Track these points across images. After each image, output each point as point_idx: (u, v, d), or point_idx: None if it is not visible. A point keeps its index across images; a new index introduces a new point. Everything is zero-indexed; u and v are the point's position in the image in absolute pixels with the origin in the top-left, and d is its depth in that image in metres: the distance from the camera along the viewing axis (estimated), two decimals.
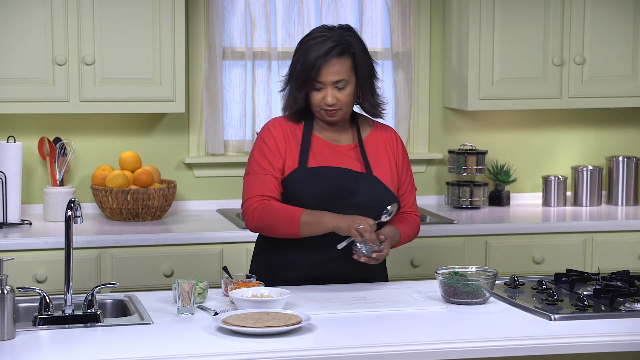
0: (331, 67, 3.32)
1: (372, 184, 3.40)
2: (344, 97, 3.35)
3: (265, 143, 3.40)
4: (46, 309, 2.94)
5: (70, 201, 3.04)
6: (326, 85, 3.33)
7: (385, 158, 3.47)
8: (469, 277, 3.18)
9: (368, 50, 3.47)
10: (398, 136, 3.56)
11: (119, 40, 4.57)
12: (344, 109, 3.38)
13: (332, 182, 3.37)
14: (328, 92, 3.33)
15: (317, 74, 3.31)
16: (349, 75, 3.35)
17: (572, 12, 5.01)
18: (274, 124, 3.44)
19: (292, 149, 3.39)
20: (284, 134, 3.40)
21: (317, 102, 3.35)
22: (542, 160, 5.42)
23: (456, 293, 3.15)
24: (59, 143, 4.73)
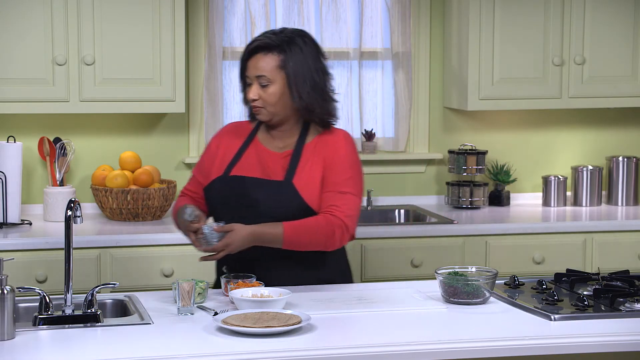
0: (255, 62, 3.33)
1: (282, 192, 3.30)
2: (267, 95, 3.31)
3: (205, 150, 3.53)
4: (46, 309, 2.94)
5: (70, 201, 3.04)
6: (252, 80, 3.34)
7: (314, 164, 3.34)
8: (469, 277, 3.18)
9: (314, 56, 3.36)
10: (342, 138, 3.40)
11: (119, 40, 4.57)
12: (267, 108, 3.33)
13: (239, 192, 3.33)
14: (252, 88, 3.34)
15: (244, 67, 3.35)
16: (273, 73, 3.31)
17: (572, 12, 5.01)
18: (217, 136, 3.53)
19: (224, 158, 3.43)
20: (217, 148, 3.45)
21: (247, 97, 3.38)
22: (542, 160, 5.42)
23: (456, 293, 3.15)
24: (59, 143, 4.73)
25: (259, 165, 3.38)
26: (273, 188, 3.32)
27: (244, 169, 3.38)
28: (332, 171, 3.33)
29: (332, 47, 5.14)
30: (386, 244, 4.62)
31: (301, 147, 3.38)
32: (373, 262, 4.58)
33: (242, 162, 3.40)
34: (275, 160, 3.38)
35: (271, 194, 3.32)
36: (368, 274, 4.57)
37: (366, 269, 4.58)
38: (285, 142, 3.41)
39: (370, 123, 5.23)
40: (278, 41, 3.32)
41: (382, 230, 4.63)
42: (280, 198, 3.31)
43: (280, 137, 3.42)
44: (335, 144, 3.37)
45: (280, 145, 3.41)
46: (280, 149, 3.41)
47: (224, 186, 3.38)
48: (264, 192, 3.32)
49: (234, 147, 3.44)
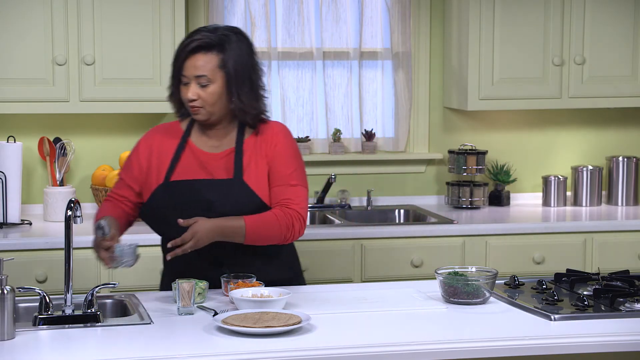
0: (194, 61, 3.27)
1: (235, 191, 3.29)
2: (206, 95, 3.27)
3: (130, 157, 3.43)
4: (46, 309, 2.94)
5: (70, 201, 3.04)
6: (190, 80, 3.28)
7: (260, 159, 3.35)
8: (469, 277, 3.18)
9: (250, 54, 3.34)
10: (283, 132, 3.40)
11: (119, 40, 4.57)
12: (206, 107, 3.29)
13: (190, 196, 3.29)
14: (190, 87, 3.29)
15: (181, 66, 3.29)
16: (213, 73, 3.26)
17: (572, 12, 5.01)
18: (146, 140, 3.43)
19: (157, 168, 3.35)
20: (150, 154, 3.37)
21: (183, 97, 3.31)
22: (542, 160, 5.42)
23: (456, 293, 3.15)
24: (59, 143, 4.73)
25: (200, 167, 3.33)
26: (225, 187, 3.30)
27: (186, 172, 3.33)
28: (278, 165, 3.35)
29: (332, 47, 5.14)
30: (386, 244, 4.62)
31: (241, 144, 3.35)
32: (373, 262, 4.58)
33: (182, 166, 3.34)
34: (216, 161, 3.34)
35: (224, 194, 3.29)
36: (368, 274, 4.57)
37: (366, 269, 4.58)
38: (222, 141, 3.37)
39: (370, 123, 5.23)
40: (217, 40, 3.28)
41: (382, 230, 4.63)
42: (234, 197, 3.29)
43: (217, 136, 3.37)
44: (275, 137, 3.37)
45: (217, 145, 3.37)
46: (216, 148, 3.36)
47: (170, 192, 3.31)
48: (217, 193, 3.29)
49: (167, 150, 3.37)
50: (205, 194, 3.29)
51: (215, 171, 3.33)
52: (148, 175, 3.36)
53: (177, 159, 3.35)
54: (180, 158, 3.35)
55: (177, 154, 3.36)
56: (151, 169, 3.36)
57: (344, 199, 5.12)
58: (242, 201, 3.29)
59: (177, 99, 3.37)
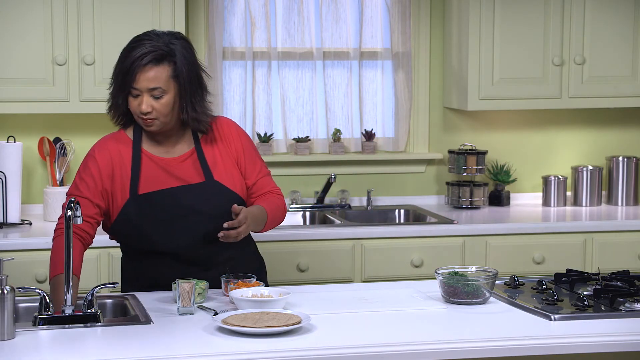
0: (147, 74, 3.18)
1: (210, 192, 3.29)
2: (160, 106, 3.21)
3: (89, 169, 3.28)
4: (46, 309, 2.94)
5: (70, 201, 3.04)
6: (142, 92, 3.20)
7: (222, 156, 3.35)
8: (469, 277, 3.18)
9: (196, 59, 3.30)
10: (235, 125, 3.42)
11: (119, 40, 4.53)
12: (160, 119, 3.23)
13: (168, 205, 3.26)
14: (143, 100, 3.20)
15: (133, 79, 3.19)
16: (167, 83, 3.20)
17: (572, 12, 5.01)
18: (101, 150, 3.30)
19: (121, 179, 3.27)
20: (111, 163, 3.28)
21: (134, 109, 3.23)
22: (542, 160, 5.42)
23: (456, 293, 3.15)
24: (59, 143, 4.73)
25: (167, 174, 3.29)
26: (200, 190, 3.28)
27: (153, 182, 3.27)
28: (249, 159, 3.38)
29: (332, 47, 5.14)
30: (386, 244, 4.62)
31: (200, 145, 3.34)
32: (373, 262, 4.58)
33: (146, 177, 3.27)
34: (178, 166, 3.31)
35: (202, 196, 3.28)
36: (368, 274, 4.57)
37: (366, 269, 4.58)
38: (175, 146, 3.33)
39: (370, 123, 5.23)
40: (167, 50, 3.21)
41: (382, 230, 4.63)
42: (213, 198, 3.29)
43: (169, 142, 3.33)
44: (232, 133, 3.39)
45: (171, 150, 3.33)
46: (172, 152, 3.33)
47: (144, 205, 3.25)
48: (193, 196, 3.28)
49: (125, 161, 3.29)
50: (182, 200, 3.27)
51: (183, 175, 3.30)
52: (113, 190, 3.28)
53: (138, 169, 3.28)
54: (140, 168, 3.28)
55: (136, 164, 3.28)
56: (115, 182, 3.28)
57: (344, 199, 5.12)
58: (221, 201, 3.29)
59: (121, 111, 3.28)
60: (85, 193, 3.26)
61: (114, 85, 3.26)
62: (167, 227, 3.26)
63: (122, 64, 3.22)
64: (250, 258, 3.47)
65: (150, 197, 3.26)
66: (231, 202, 3.27)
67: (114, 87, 3.27)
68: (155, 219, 3.26)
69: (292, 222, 4.94)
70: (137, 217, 3.26)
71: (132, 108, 3.24)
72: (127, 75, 3.20)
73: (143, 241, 3.30)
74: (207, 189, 3.29)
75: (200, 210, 3.27)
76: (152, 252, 3.31)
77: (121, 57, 3.24)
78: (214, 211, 3.28)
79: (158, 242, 3.28)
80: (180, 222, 3.27)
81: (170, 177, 3.29)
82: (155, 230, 3.26)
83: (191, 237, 3.28)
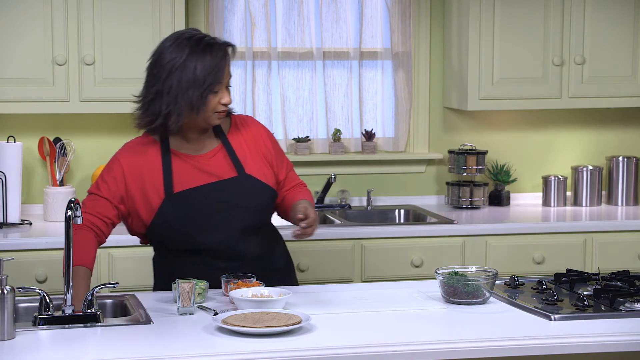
0: (226, 68, 3.25)
1: (246, 186, 3.32)
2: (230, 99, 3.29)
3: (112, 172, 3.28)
4: (46, 309, 2.94)
5: (70, 201, 3.04)
6: (222, 86, 3.24)
7: (251, 150, 3.38)
8: (469, 277, 3.18)
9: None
10: (258, 122, 3.48)
11: (119, 40, 4.57)
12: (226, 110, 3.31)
13: (204, 201, 3.27)
14: (225, 93, 3.24)
15: (222, 75, 3.21)
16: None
17: (572, 12, 5.01)
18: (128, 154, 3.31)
19: (152, 180, 3.27)
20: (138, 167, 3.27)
21: (214, 106, 3.23)
22: (542, 160, 5.42)
23: (456, 293, 3.15)
24: (59, 143, 4.73)
25: (199, 171, 3.30)
26: (235, 185, 3.30)
27: (187, 180, 3.28)
28: (276, 154, 3.43)
29: (332, 47, 5.14)
30: (386, 244, 4.62)
31: (227, 140, 3.36)
32: (373, 262, 4.58)
33: (179, 175, 3.28)
34: (208, 162, 3.33)
35: (238, 191, 3.30)
36: (368, 274, 4.57)
37: (366, 269, 4.58)
38: (204, 143, 3.35)
39: (370, 123, 5.23)
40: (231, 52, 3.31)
41: (382, 230, 4.63)
42: (248, 191, 3.31)
43: (197, 139, 3.33)
44: (259, 130, 3.43)
45: (199, 147, 3.34)
46: (201, 150, 3.34)
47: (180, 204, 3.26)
48: (228, 192, 3.29)
49: (154, 165, 3.29)
50: (218, 195, 3.29)
51: (215, 170, 3.32)
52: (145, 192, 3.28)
53: (169, 169, 3.29)
54: (172, 167, 3.29)
55: (167, 164, 3.29)
56: (145, 185, 3.28)
57: (344, 199, 5.12)
58: (255, 194, 3.32)
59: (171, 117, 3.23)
60: (105, 194, 3.27)
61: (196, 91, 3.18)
62: (204, 223, 3.28)
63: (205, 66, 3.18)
64: (279, 255, 3.49)
65: (187, 194, 3.27)
66: (265, 196, 3.33)
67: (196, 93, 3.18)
68: (192, 216, 3.27)
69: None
70: (175, 215, 3.27)
71: (211, 105, 3.23)
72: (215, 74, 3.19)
73: (181, 239, 3.30)
74: (240, 183, 3.32)
75: (235, 205, 3.30)
76: (188, 250, 3.32)
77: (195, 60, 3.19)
78: (250, 205, 3.31)
79: (195, 239, 3.28)
80: (216, 217, 3.28)
81: (202, 174, 3.31)
82: (192, 228, 3.27)
83: (228, 232, 3.30)
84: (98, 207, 3.26)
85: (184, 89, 3.19)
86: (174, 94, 3.20)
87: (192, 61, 3.19)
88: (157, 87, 3.23)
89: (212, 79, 3.19)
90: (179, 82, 3.19)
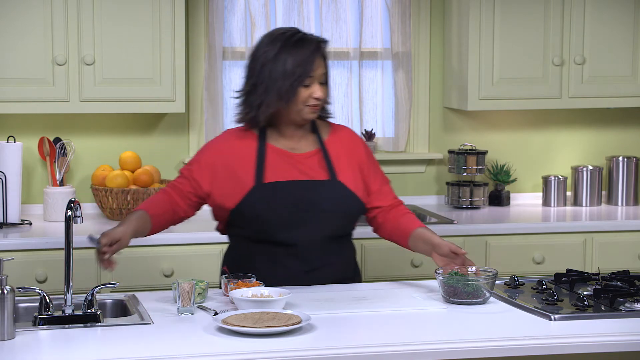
0: (319, 62, 3.30)
1: (335, 191, 3.34)
2: (325, 92, 3.34)
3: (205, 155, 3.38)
4: (46, 309, 2.94)
5: (70, 201, 3.04)
6: (314, 80, 3.29)
7: (347, 160, 3.41)
8: (469, 277, 3.18)
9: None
10: (356, 134, 3.53)
11: (119, 40, 4.57)
12: (323, 105, 3.37)
13: (291, 197, 3.30)
14: (317, 87, 3.29)
15: (311, 69, 3.28)
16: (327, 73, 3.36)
17: (572, 12, 5.01)
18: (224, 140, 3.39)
19: (244, 168, 3.32)
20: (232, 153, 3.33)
21: (304, 99, 3.29)
22: (542, 160, 5.42)
23: (456, 293, 3.15)
24: (59, 143, 4.73)
25: (292, 168, 3.34)
26: (325, 188, 3.34)
27: (279, 173, 3.32)
28: (372, 166, 3.48)
29: (332, 47, 5.14)
30: (386, 244, 4.58)
31: (324, 145, 3.41)
32: (373, 262, 4.58)
33: (272, 167, 3.33)
34: (304, 161, 3.37)
35: (325, 194, 3.33)
36: (368, 274, 4.57)
37: (366, 269, 4.58)
38: (300, 143, 3.39)
39: (370, 123, 5.23)
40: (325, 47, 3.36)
41: None
42: (336, 197, 3.34)
43: (295, 137, 3.38)
44: (357, 141, 3.48)
45: (296, 147, 3.39)
46: (297, 150, 3.38)
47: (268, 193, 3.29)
48: (317, 193, 3.32)
49: (248, 152, 3.34)
50: (306, 193, 3.32)
51: (308, 170, 3.36)
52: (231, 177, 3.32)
53: (263, 160, 3.33)
54: (265, 159, 3.33)
55: (261, 155, 3.34)
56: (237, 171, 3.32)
57: None
58: (342, 200, 3.35)
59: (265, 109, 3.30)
60: (196, 175, 3.36)
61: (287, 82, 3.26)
62: (289, 217, 3.29)
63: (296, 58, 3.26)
64: (348, 265, 3.50)
65: (276, 185, 3.30)
66: (353, 205, 3.37)
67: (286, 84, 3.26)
68: (278, 207, 3.29)
69: None
70: (261, 204, 3.29)
71: (301, 98, 3.29)
72: (306, 65, 3.26)
73: (262, 229, 3.32)
74: (331, 187, 3.34)
75: (322, 207, 3.32)
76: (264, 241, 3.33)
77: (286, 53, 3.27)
78: (336, 211, 3.34)
79: (277, 232, 3.30)
80: (301, 215, 3.30)
81: (295, 170, 3.34)
82: (275, 220, 3.29)
83: (309, 233, 3.32)
84: (183, 185, 3.36)
85: (274, 80, 3.27)
86: (266, 85, 3.29)
87: (283, 54, 3.28)
88: (252, 80, 3.33)
89: (301, 71, 3.26)
90: (270, 74, 3.28)
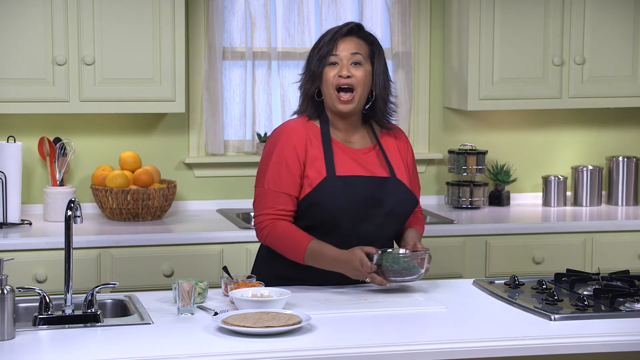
0: (349, 42, 3.29)
1: (396, 189, 3.36)
2: (359, 73, 3.28)
3: (283, 155, 3.30)
4: (46, 309, 2.94)
5: (70, 201, 3.04)
6: (342, 61, 3.28)
7: (400, 158, 3.44)
8: (397, 254, 3.20)
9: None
10: (405, 135, 3.54)
11: (119, 40, 4.57)
12: (358, 90, 3.28)
13: (362, 192, 3.31)
14: (344, 66, 3.28)
15: (334, 47, 3.28)
16: (366, 57, 3.31)
17: (572, 12, 5.01)
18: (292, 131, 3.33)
19: (313, 159, 3.31)
20: (305, 141, 3.32)
21: (331, 79, 3.28)
22: (542, 160, 5.42)
23: (390, 271, 3.17)
24: (59, 143, 4.73)
25: (355, 163, 3.35)
26: (387, 185, 3.34)
27: (346, 167, 3.32)
28: (414, 170, 3.49)
29: None
30: None
31: (379, 142, 3.41)
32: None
33: (339, 161, 3.33)
34: (363, 156, 3.38)
35: (389, 191, 3.34)
36: None
37: None
38: (354, 137, 3.40)
39: None
40: (368, 33, 3.35)
41: None
42: (398, 194, 3.35)
43: (349, 132, 3.39)
44: (402, 137, 3.48)
45: (352, 141, 3.39)
46: (353, 144, 3.39)
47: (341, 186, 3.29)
48: (382, 189, 3.33)
49: (317, 145, 3.33)
50: (373, 191, 3.32)
51: (369, 166, 3.36)
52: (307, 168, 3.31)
53: (331, 152, 3.32)
54: (332, 154, 3.33)
55: (328, 148, 3.33)
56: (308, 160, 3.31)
57: None
58: (405, 200, 3.37)
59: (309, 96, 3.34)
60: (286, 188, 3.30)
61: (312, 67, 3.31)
62: (356, 213, 3.29)
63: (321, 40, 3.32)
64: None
65: (347, 180, 3.30)
66: (411, 204, 3.39)
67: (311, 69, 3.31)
68: (348, 202, 3.28)
69: None
70: (331, 198, 3.28)
71: (329, 79, 3.29)
72: (328, 45, 3.29)
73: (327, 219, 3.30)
74: (392, 185, 3.35)
75: (384, 204, 3.33)
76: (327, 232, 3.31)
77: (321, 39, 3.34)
78: (397, 208, 3.35)
79: (342, 223, 3.30)
80: (365, 210, 3.31)
81: (358, 166, 3.35)
82: (342, 212, 3.28)
83: (372, 228, 3.32)
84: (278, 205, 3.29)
85: (309, 62, 3.34)
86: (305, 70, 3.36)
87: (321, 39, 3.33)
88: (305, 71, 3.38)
89: (328, 47, 3.28)
90: (308, 58, 3.35)
